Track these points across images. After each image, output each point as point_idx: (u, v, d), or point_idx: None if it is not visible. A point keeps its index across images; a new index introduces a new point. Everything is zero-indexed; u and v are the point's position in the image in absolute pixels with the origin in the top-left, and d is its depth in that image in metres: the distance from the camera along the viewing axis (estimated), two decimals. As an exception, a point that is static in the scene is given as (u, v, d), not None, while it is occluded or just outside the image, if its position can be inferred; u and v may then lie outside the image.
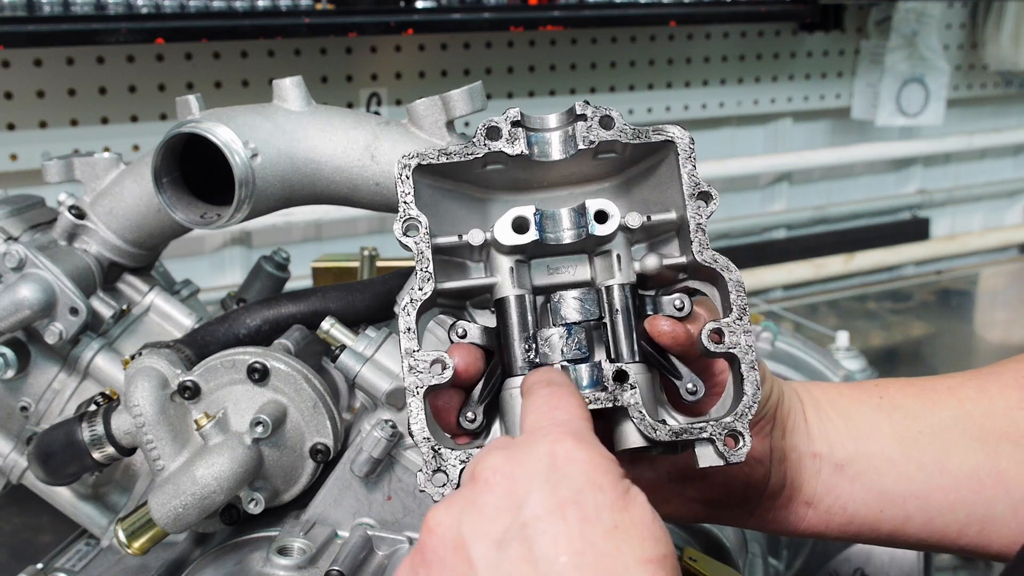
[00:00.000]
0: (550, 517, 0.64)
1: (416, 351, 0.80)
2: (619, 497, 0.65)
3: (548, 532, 0.63)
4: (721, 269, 0.83)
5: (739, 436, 0.80)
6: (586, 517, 0.64)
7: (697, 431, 0.80)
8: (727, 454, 0.80)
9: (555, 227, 0.84)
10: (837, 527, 0.95)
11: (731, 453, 0.80)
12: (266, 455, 1.14)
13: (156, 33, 2.23)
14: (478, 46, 2.87)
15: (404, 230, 0.83)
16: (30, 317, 1.23)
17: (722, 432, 0.80)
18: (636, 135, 0.84)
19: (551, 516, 0.64)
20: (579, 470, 0.66)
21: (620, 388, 0.80)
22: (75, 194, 1.33)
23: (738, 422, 0.81)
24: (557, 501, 0.64)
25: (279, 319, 1.28)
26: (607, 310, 0.84)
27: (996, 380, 0.95)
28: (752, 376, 0.81)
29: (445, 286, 0.83)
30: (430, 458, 0.79)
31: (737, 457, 0.80)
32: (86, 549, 1.34)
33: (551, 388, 0.75)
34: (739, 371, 0.82)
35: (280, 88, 1.21)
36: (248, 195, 1.11)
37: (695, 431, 0.80)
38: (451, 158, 0.84)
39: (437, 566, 0.66)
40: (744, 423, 0.80)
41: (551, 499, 0.64)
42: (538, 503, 0.64)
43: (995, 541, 0.92)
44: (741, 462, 0.80)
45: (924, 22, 3.40)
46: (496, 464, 0.67)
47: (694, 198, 0.83)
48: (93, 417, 1.16)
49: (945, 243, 3.76)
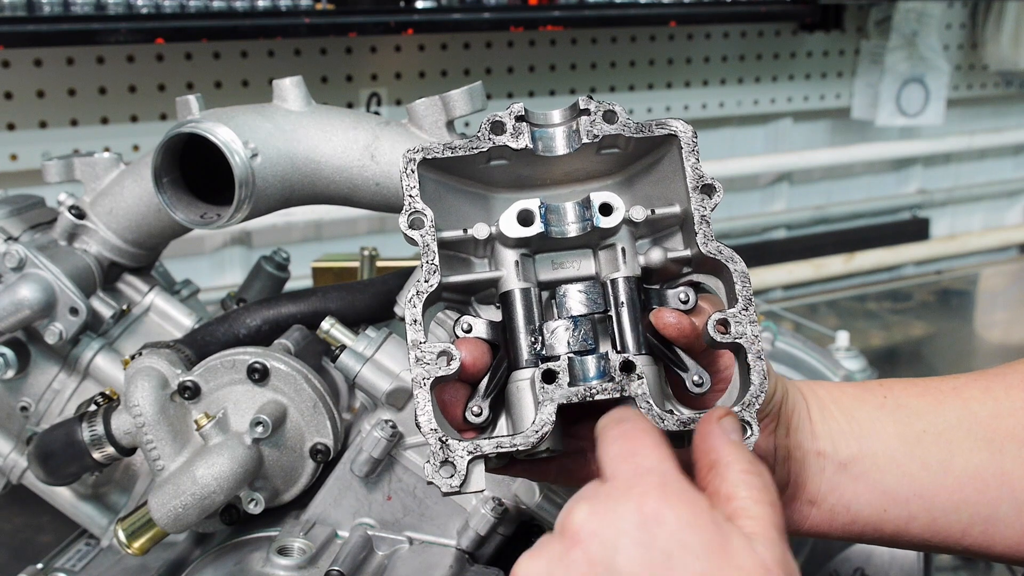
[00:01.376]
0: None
1: (423, 342, 0.80)
2: (711, 554, 0.63)
3: None
4: (726, 260, 0.83)
5: (747, 425, 0.80)
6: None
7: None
8: None
9: (560, 220, 0.84)
10: (840, 526, 0.94)
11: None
12: (266, 455, 1.14)
13: (156, 33, 2.23)
14: (478, 46, 2.87)
15: (410, 223, 0.83)
16: (30, 317, 1.23)
17: None
18: (639, 129, 0.84)
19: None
20: (668, 531, 0.64)
21: (627, 378, 0.80)
22: (75, 194, 1.33)
23: (746, 411, 0.80)
24: (648, 564, 0.63)
25: (279, 319, 1.28)
26: (612, 303, 0.84)
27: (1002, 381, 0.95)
28: (759, 366, 0.81)
29: (450, 280, 0.83)
30: (437, 449, 0.79)
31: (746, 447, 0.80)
32: (86, 549, 1.34)
33: (623, 427, 0.72)
34: (746, 361, 0.82)
35: (280, 88, 1.20)
36: (248, 195, 1.11)
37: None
38: (456, 152, 0.84)
39: None
40: (752, 412, 0.80)
41: (641, 561, 0.63)
42: (629, 564, 0.63)
43: (998, 542, 0.92)
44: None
45: (924, 22, 3.39)
46: (583, 519, 0.66)
47: (698, 191, 0.84)
48: (93, 417, 1.16)
49: (945, 243, 3.76)
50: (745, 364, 0.82)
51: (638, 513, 0.65)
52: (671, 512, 0.65)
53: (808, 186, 3.64)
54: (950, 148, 3.76)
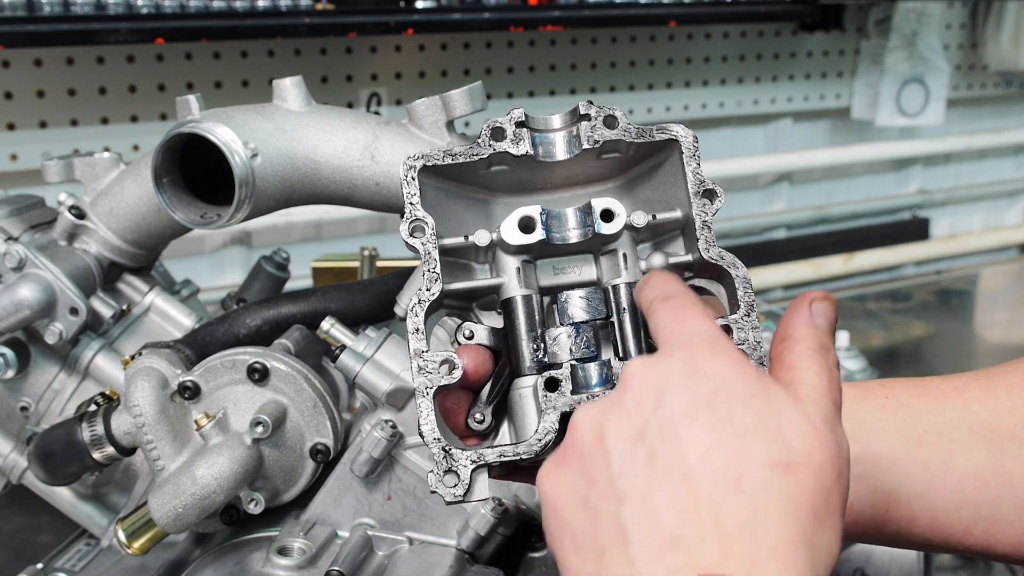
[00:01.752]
0: (684, 419, 0.66)
1: (425, 352, 0.80)
2: (753, 399, 0.66)
3: (680, 432, 0.65)
4: (728, 266, 0.83)
5: None
6: (717, 419, 0.65)
7: None
8: None
9: (561, 226, 0.84)
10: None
11: None
12: (266, 455, 1.14)
13: (156, 33, 2.22)
14: (478, 46, 2.87)
15: (410, 231, 0.82)
16: (30, 317, 1.23)
17: None
18: (640, 134, 0.84)
19: (685, 417, 0.66)
20: (714, 373, 0.67)
21: None
22: (75, 194, 1.33)
23: None
24: (691, 402, 0.66)
25: (279, 319, 1.28)
26: (614, 309, 0.84)
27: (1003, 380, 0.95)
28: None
29: (452, 287, 0.83)
30: (441, 459, 0.79)
31: None
32: (86, 549, 1.34)
33: (669, 302, 0.75)
34: None
35: (280, 88, 1.20)
36: (248, 195, 1.11)
37: None
38: (456, 159, 0.84)
39: (577, 458, 0.69)
40: None
41: (686, 400, 0.66)
42: (675, 403, 0.66)
43: (1000, 541, 0.92)
44: None
45: (924, 22, 3.39)
46: (636, 369, 0.70)
47: (699, 196, 0.84)
48: (93, 417, 1.16)
49: (945, 243, 3.76)
50: None
51: (686, 363, 0.68)
52: (717, 363, 0.68)
53: (808, 186, 3.63)
54: (950, 148, 3.76)
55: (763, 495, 0.63)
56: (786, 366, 0.73)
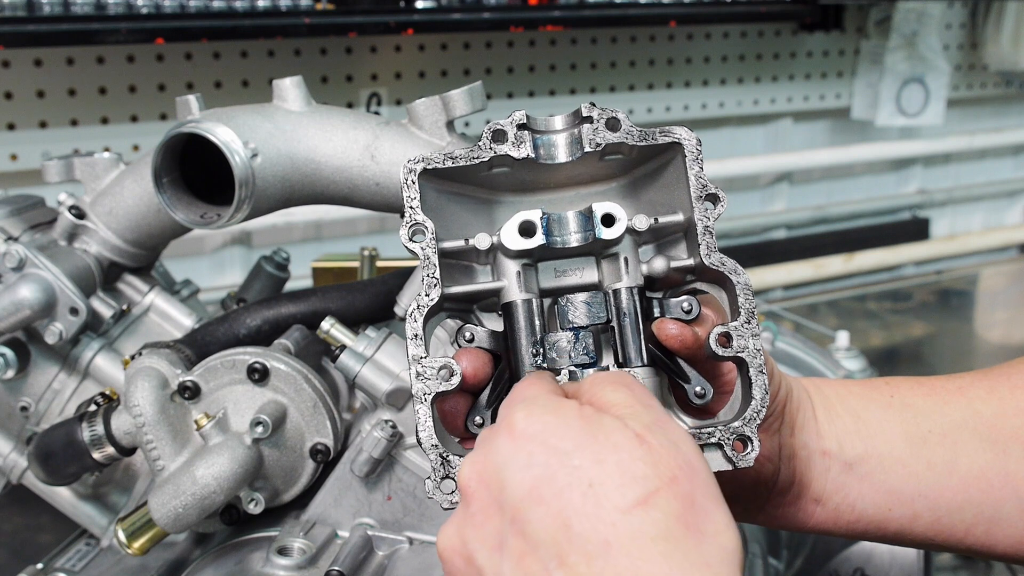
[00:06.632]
0: (530, 503, 0.65)
1: (423, 357, 0.80)
2: (584, 445, 0.66)
3: (533, 519, 0.65)
4: (729, 272, 0.82)
5: (747, 441, 0.80)
6: (560, 487, 0.64)
7: (705, 436, 0.80)
8: (735, 459, 0.80)
9: (562, 231, 0.83)
10: (845, 525, 0.94)
11: (739, 458, 0.80)
12: (266, 455, 1.14)
13: (156, 33, 2.23)
14: (478, 46, 2.87)
15: (410, 235, 0.82)
16: (30, 317, 1.23)
17: (730, 437, 0.80)
18: (643, 137, 0.83)
19: (530, 501, 0.65)
20: (539, 443, 0.67)
21: None
22: (75, 194, 1.33)
23: (746, 427, 0.80)
24: (530, 481, 0.66)
25: (279, 319, 1.28)
26: (614, 313, 0.83)
27: (1007, 381, 0.95)
28: (760, 380, 0.81)
29: (452, 290, 0.83)
30: (438, 465, 0.78)
31: (745, 462, 0.80)
32: (86, 549, 1.34)
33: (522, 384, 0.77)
34: (747, 375, 0.81)
35: (280, 88, 1.20)
36: (248, 195, 1.11)
37: (703, 436, 0.80)
38: (457, 162, 0.83)
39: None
40: (752, 428, 0.80)
41: (523, 481, 0.66)
42: (515, 491, 0.66)
43: (1001, 541, 0.92)
44: (750, 467, 0.80)
45: (924, 22, 3.39)
46: (467, 473, 0.70)
47: (701, 200, 0.83)
48: (93, 417, 1.16)
49: (945, 243, 3.76)
50: (747, 378, 0.81)
51: (510, 440, 0.68)
52: (537, 425, 0.68)
53: (808, 186, 3.64)
54: (950, 148, 3.76)
55: (636, 545, 0.62)
56: (586, 399, 0.73)
